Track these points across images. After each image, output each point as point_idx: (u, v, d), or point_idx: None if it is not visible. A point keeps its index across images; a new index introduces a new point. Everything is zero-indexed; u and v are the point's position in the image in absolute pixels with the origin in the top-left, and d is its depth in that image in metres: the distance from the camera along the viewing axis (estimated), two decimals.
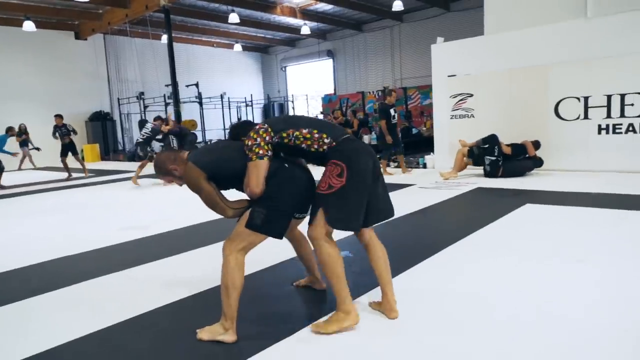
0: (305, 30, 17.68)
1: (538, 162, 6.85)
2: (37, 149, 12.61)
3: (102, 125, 17.60)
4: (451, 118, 8.11)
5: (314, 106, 21.12)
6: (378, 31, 18.92)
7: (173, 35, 14.83)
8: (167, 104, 15.63)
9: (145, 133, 8.31)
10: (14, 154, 11.26)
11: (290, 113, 20.94)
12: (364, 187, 2.24)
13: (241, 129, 2.56)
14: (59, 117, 10.78)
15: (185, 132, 9.56)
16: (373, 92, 17.51)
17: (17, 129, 13.70)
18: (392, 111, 7.85)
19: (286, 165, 2.30)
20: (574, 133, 6.99)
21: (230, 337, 2.19)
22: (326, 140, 2.25)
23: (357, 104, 17.64)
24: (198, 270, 3.30)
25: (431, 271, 3.04)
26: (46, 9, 14.94)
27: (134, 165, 13.43)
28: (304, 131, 2.26)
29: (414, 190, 6.35)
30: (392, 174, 7.91)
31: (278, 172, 2.24)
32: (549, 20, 7.17)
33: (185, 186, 2.37)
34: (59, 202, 7.21)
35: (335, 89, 20.70)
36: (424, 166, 8.60)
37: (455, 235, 3.77)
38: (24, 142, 13.87)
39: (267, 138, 2.23)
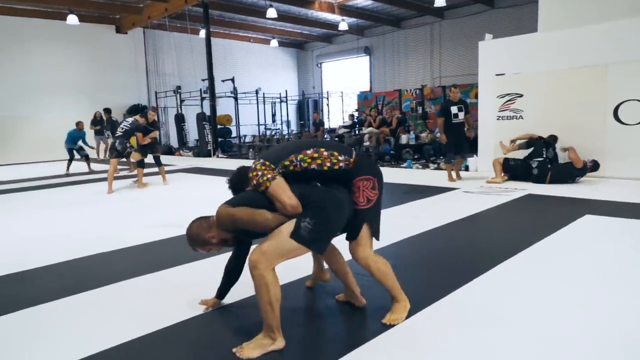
0: (343, 26, 17.39)
1: (588, 169, 6.37)
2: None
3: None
4: (498, 119, 7.69)
5: (349, 103, 20.82)
6: (417, 28, 18.44)
7: (210, 30, 14.84)
8: (203, 99, 15.67)
9: (125, 126, 7.58)
10: (91, 147, 11.28)
11: (325, 110, 20.71)
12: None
13: (242, 177, 2.37)
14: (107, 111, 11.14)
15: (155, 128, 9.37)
16: (410, 90, 17.06)
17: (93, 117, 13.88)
18: (454, 109, 6.84)
19: (318, 183, 2.22)
20: (636, 138, 6.47)
21: (280, 343, 2.07)
22: (340, 158, 2.20)
23: (393, 102, 17.23)
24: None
25: (484, 290, 2.74)
26: (89, 2, 15.21)
27: (169, 159, 13.51)
28: (309, 152, 2.19)
29: (458, 195, 6.02)
30: (454, 180, 7.01)
31: (312, 190, 2.16)
32: (608, 18, 6.66)
33: (214, 186, 2.27)
34: (86, 195, 7.22)
35: (371, 87, 20.33)
36: (466, 169, 8.20)
37: (510, 248, 3.45)
38: (99, 132, 13.91)
39: (270, 167, 2.14)
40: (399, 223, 4.55)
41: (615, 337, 2.08)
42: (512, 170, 6.68)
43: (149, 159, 7.96)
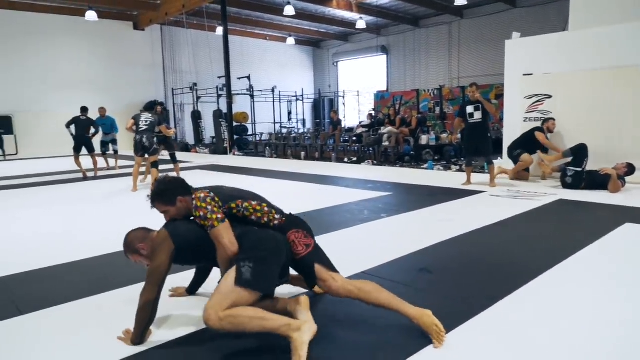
0: (361, 24, 17.22)
1: (622, 175, 6.08)
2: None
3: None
4: (524, 120, 7.45)
5: (364, 103, 20.63)
6: (436, 27, 18.19)
7: (228, 27, 14.77)
8: (219, 96, 15.62)
9: (148, 120, 7.08)
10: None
11: (341, 109, 20.55)
12: None
13: (167, 191, 2.35)
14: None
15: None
16: (428, 90, 16.82)
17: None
18: (470, 108, 6.49)
19: (255, 228, 2.32)
20: None
21: (305, 334, 1.96)
22: (276, 216, 2.39)
23: (411, 102, 17.01)
24: None
25: (526, 304, 2.56)
26: None
27: (185, 155, 13.48)
28: (254, 203, 2.37)
29: (485, 198, 5.81)
30: (470, 183, 6.71)
31: (250, 231, 2.26)
32: None
33: (229, 183, 2.41)
34: (106, 190, 7.16)
35: (388, 86, 20.12)
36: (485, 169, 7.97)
37: (550, 258, 3.27)
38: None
39: (218, 204, 2.25)
40: (426, 227, 4.38)
41: None
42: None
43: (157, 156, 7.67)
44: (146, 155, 7.11)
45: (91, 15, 14.59)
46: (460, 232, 4.08)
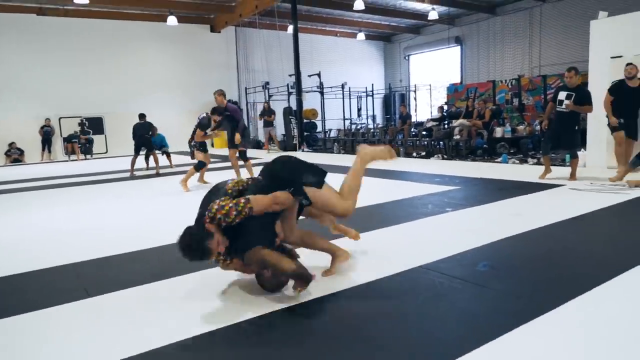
0: (433, 15, 16.67)
1: None
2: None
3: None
4: None
5: (436, 97, 19.97)
6: (515, 13, 17.13)
7: (298, 25, 14.96)
8: (289, 93, 15.89)
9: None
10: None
11: (412, 104, 20.06)
12: None
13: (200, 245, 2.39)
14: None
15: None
16: (505, 81, 15.90)
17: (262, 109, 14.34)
18: (562, 94, 5.91)
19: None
20: None
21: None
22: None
23: (486, 94, 16.19)
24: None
25: (606, 302, 2.30)
26: (188, 4, 16.07)
27: (258, 152, 13.87)
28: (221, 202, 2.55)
29: (563, 192, 5.36)
30: (544, 177, 6.18)
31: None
32: None
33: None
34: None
35: (462, 78, 19.32)
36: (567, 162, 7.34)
37: (630, 257, 2.92)
38: (268, 123, 14.45)
39: (231, 198, 2.51)
40: (492, 221, 4.13)
41: None
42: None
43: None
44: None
45: (172, 20, 15.50)
46: (530, 226, 3.79)
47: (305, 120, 15.69)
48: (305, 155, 12.52)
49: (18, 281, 3.06)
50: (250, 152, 10.98)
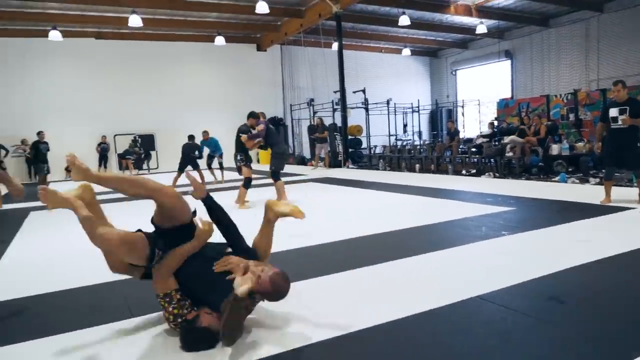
0: (481, 29, 16.25)
1: None
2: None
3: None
4: None
5: (485, 112, 19.36)
6: (570, 25, 16.42)
7: (342, 42, 14.98)
8: (334, 110, 15.86)
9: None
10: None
11: (460, 120, 19.54)
12: None
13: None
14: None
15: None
16: (560, 95, 15.19)
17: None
18: (613, 111, 5.56)
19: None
20: None
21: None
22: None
23: (539, 109, 15.51)
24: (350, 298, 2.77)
25: None
26: (236, 25, 16.50)
27: (302, 169, 13.86)
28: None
29: (635, 215, 4.91)
30: (609, 201, 5.62)
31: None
32: None
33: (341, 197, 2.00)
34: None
35: (512, 93, 18.66)
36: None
37: None
38: (322, 139, 14.19)
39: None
40: (556, 248, 3.79)
41: None
42: None
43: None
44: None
45: (220, 40, 15.94)
46: (601, 255, 3.44)
47: (350, 137, 15.58)
48: (350, 172, 12.36)
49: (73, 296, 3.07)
50: (295, 169, 10.97)
